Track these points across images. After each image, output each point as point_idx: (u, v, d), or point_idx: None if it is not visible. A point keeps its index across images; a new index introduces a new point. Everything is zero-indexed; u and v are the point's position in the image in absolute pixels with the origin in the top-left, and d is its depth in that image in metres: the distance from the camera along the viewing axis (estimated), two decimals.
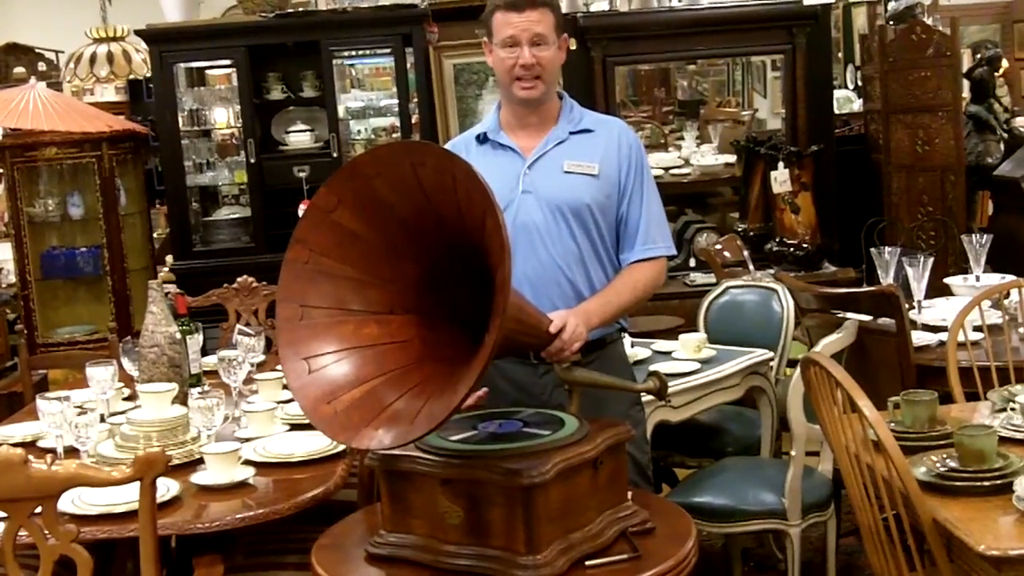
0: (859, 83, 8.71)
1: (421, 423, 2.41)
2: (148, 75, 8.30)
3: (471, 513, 2.48)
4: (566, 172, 3.15)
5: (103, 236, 7.21)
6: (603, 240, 3.18)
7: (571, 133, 3.21)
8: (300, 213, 2.68)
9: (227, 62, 7.16)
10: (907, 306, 4.11)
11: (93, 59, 8.86)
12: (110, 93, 9.03)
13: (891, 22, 7.23)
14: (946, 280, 4.96)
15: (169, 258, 7.31)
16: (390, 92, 7.23)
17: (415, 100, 6.85)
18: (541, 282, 3.14)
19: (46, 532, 2.45)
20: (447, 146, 3.35)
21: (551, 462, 2.45)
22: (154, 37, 6.83)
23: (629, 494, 2.71)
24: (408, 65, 6.83)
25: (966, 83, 7.43)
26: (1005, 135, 7.62)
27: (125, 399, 3.98)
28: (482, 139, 3.27)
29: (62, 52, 10.73)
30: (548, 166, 3.17)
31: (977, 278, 4.80)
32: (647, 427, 3.56)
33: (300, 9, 7.12)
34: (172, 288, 5.92)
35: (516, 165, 3.19)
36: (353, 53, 7.31)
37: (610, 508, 2.62)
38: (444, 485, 2.50)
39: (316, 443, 3.39)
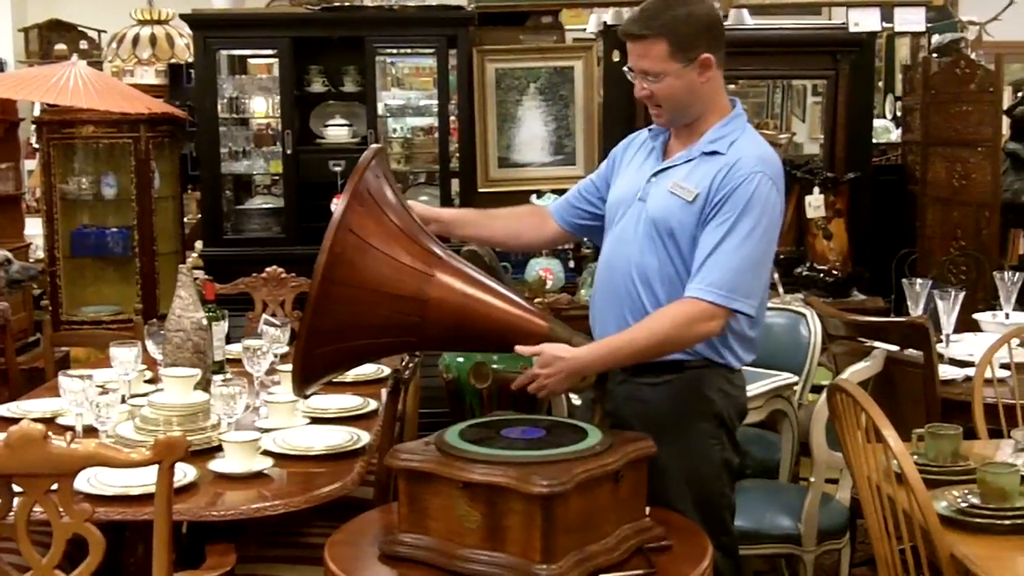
0: (897, 113, 8.67)
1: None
2: (189, 60, 8.31)
3: (489, 518, 2.47)
4: (670, 192, 3.02)
5: (135, 218, 7.23)
6: (687, 266, 2.98)
7: (703, 153, 3.03)
8: (333, 207, 2.73)
9: (270, 52, 7.16)
10: (935, 339, 4.09)
11: (136, 40, 8.88)
12: (150, 76, 9.02)
13: (935, 54, 7.20)
14: (975, 316, 4.94)
15: (199, 244, 7.32)
16: (428, 92, 7.22)
17: (454, 102, 6.85)
18: (613, 290, 3.09)
19: (61, 510, 2.45)
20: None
21: (572, 472, 2.44)
22: (199, 22, 6.83)
23: (647, 509, 2.71)
24: (450, 67, 6.83)
25: (1006, 120, 7.37)
26: None
27: (147, 381, 3.99)
28: (652, 133, 3.21)
29: (104, 32, 10.76)
30: (664, 181, 3.06)
31: (1007, 315, 4.77)
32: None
33: (347, 4, 7.09)
34: (200, 274, 5.93)
35: (648, 171, 3.13)
36: (396, 51, 7.31)
37: (628, 522, 2.62)
38: (463, 489, 2.50)
39: (335, 438, 3.39)
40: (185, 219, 7.97)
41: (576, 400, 3.75)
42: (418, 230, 2.81)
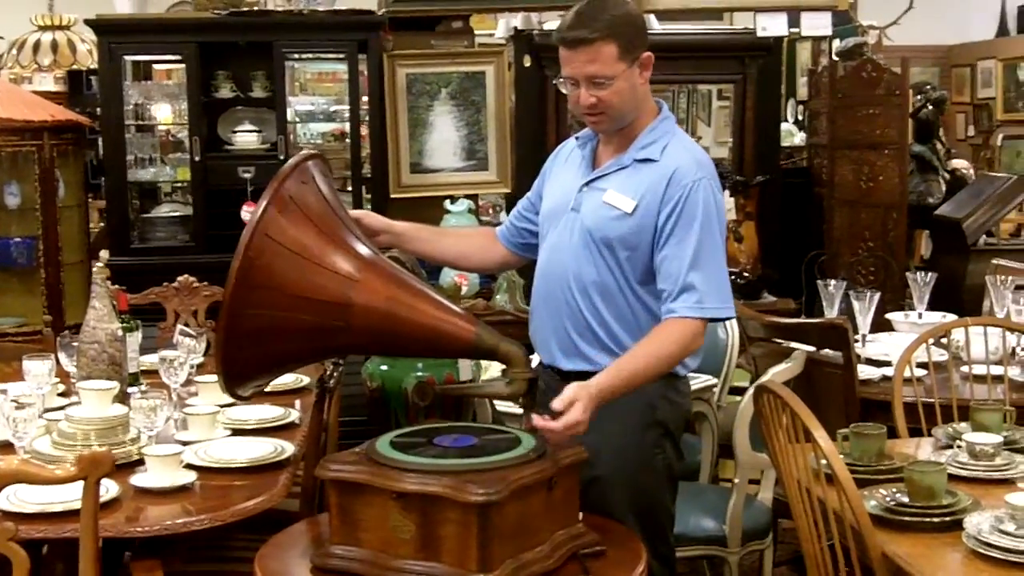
0: (799, 117, 8.79)
1: None
2: (92, 66, 8.17)
3: (423, 528, 2.45)
4: (604, 202, 2.99)
5: (39, 227, 7.05)
6: (625, 276, 2.98)
7: (636, 160, 3.00)
8: (243, 215, 2.69)
9: (177, 57, 7.06)
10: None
11: (37, 47, 8.73)
12: (48, 83, 8.84)
13: (838, 58, 7.30)
14: (888, 316, 4.99)
15: (104, 253, 7.16)
16: (338, 97, 7.17)
17: (365, 107, 6.80)
18: (551, 300, 3.06)
19: None
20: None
21: (507, 480, 2.42)
22: (104, 28, 6.71)
23: (580, 515, 2.70)
24: (360, 72, 6.78)
25: (910, 123, 7.50)
26: (947, 176, 7.72)
27: (60, 395, 3.89)
28: (579, 141, 3.17)
29: (2, 38, 10.55)
30: (596, 190, 3.02)
31: (920, 315, 4.84)
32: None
33: (255, 8, 7.00)
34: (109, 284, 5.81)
35: (579, 180, 3.08)
36: (303, 56, 7.24)
37: (562, 528, 2.60)
38: (397, 499, 2.47)
39: (259, 449, 3.33)
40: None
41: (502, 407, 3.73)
42: (347, 234, 2.77)
